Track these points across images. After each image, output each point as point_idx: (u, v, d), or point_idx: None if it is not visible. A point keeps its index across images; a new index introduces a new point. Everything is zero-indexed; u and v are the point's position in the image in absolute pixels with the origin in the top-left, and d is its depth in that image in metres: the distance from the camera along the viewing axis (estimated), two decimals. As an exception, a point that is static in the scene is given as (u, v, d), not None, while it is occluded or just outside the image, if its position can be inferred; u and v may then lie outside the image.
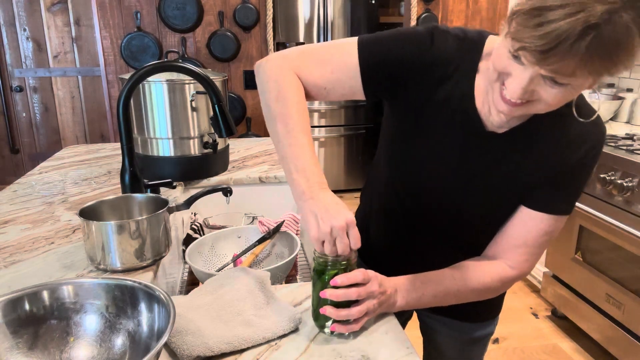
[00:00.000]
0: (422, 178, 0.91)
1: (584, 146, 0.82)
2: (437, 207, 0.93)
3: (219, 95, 1.19)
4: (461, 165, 0.87)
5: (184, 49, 3.48)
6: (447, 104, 0.85)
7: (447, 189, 0.90)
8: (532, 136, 0.83)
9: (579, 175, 0.84)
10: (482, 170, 0.87)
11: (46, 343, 0.71)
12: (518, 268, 0.87)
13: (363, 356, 0.76)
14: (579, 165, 0.83)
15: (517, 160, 0.85)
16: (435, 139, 0.88)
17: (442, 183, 0.90)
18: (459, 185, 0.89)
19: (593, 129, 0.83)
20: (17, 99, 4.19)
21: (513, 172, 0.85)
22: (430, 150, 0.89)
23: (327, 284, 0.79)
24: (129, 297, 0.74)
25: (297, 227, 1.36)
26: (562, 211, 0.85)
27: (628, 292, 2.02)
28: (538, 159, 0.84)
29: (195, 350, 0.74)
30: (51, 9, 4.04)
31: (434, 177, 0.90)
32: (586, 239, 2.26)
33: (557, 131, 0.83)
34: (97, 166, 1.77)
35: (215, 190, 1.19)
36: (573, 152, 0.82)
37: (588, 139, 0.82)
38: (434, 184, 0.91)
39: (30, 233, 1.17)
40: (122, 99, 1.13)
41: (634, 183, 1.96)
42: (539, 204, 0.85)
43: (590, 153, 0.83)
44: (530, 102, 0.72)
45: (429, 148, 0.89)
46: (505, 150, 0.85)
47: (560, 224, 0.87)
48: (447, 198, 0.91)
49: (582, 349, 2.31)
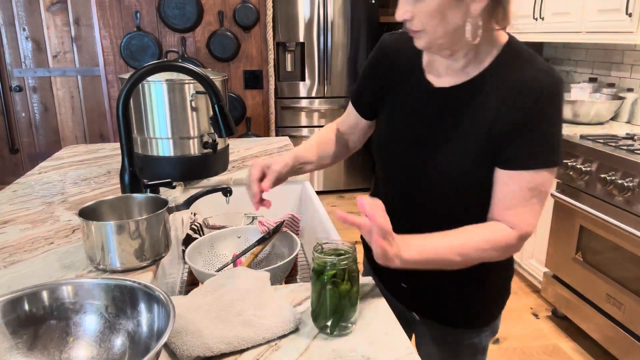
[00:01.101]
0: (395, 154, 0.99)
1: (534, 95, 0.84)
2: (412, 178, 0.97)
3: (218, 95, 1.18)
4: (422, 127, 0.95)
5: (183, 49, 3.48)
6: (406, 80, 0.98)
7: (417, 156, 0.96)
8: (479, 91, 0.89)
9: (538, 125, 0.85)
10: (442, 128, 0.92)
11: (46, 343, 0.71)
12: (517, 227, 0.88)
13: (363, 356, 0.76)
14: (534, 115, 0.84)
15: (470, 114, 0.89)
16: (400, 112, 0.99)
17: (410, 151, 0.96)
18: (426, 149, 0.94)
19: (543, 78, 0.84)
20: (16, 99, 4.19)
21: (468, 127, 0.89)
22: (397, 124, 0.99)
23: (327, 284, 0.79)
24: (129, 297, 0.73)
25: (297, 227, 1.36)
26: (537, 165, 0.86)
27: (628, 292, 2.02)
28: (489, 112, 0.87)
29: (195, 351, 0.74)
30: (51, 9, 4.04)
31: (404, 147, 0.97)
32: (586, 239, 2.26)
33: (503, 84, 0.86)
34: (96, 166, 1.77)
35: (215, 190, 1.19)
36: (524, 103, 0.84)
37: (538, 88, 0.84)
38: (405, 154, 0.97)
39: (29, 233, 1.17)
40: (121, 98, 1.13)
41: (635, 183, 1.96)
42: (510, 162, 0.87)
43: (543, 101, 0.84)
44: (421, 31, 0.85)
45: (396, 122, 0.99)
46: (457, 106, 0.91)
47: (541, 178, 0.86)
48: (418, 166, 0.96)
49: (583, 349, 2.31)
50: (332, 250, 0.83)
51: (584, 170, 2.22)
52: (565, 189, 2.37)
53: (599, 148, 2.16)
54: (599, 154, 2.14)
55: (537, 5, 3.12)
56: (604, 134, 2.39)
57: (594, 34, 2.67)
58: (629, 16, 2.40)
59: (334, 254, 0.82)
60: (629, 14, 2.39)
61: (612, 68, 3.00)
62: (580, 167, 2.24)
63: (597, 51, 3.12)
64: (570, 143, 2.34)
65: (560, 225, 2.44)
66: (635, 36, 2.39)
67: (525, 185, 0.86)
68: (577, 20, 2.78)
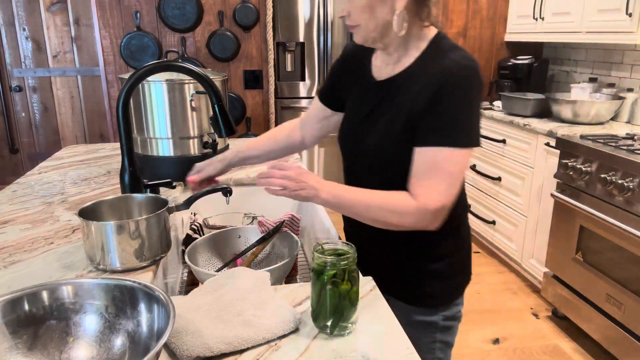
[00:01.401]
0: (345, 141, 1.16)
1: (443, 79, 0.94)
2: (353, 158, 1.14)
3: (218, 95, 1.18)
4: (363, 115, 1.10)
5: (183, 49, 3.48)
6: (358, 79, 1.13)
7: (356, 139, 1.11)
8: (407, 80, 1.01)
9: (443, 106, 0.94)
10: (377, 114, 1.06)
11: (46, 343, 0.71)
12: (417, 199, 0.96)
13: (363, 356, 0.76)
14: (440, 96, 0.94)
15: (397, 101, 1.02)
16: (351, 106, 1.15)
17: (353, 136, 1.12)
18: (363, 133, 1.09)
19: (453, 65, 0.95)
20: (16, 99, 4.19)
21: (394, 111, 1.02)
22: (349, 116, 1.16)
23: (327, 284, 0.79)
24: (129, 297, 0.73)
25: (297, 227, 1.36)
26: (437, 142, 0.95)
27: (628, 292, 2.02)
28: (410, 97, 0.99)
29: (195, 351, 0.74)
30: (50, 9, 4.03)
31: (350, 134, 1.14)
32: (586, 239, 2.26)
33: (424, 72, 0.98)
34: (96, 166, 1.77)
35: (215, 190, 1.19)
36: (433, 86, 0.95)
37: (446, 73, 0.94)
38: (349, 138, 1.14)
39: (29, 233, 1.17)
40: (121, 98, 1.13)
41: (635, 183, 1.96)
42: (418, 139, 0.98)
43: (448, 85, 0.94)
44: (357, 26, 0.99)
45: (349, 115, 1.16)
46: (389, 95, 1.04)
47: (443, 155, 0.95)
48: (356, 147, 1.11)
49: (583, 349, 2.31)
50: (332, 250, 0.83)
51: (584, 170, 2.22)
52: (565, 189, 2.37)
53: (599, 148, 2.16)
54: (599, 154, 2.14)
55: (537, 5, 3.12)
56: (604, 134, 2.39)
57: (594, 34, 2.67)
58: (629, 16, 2.40)
59: (334, 254, 0.82)
60: (629, 14, 2.39)
61: (612, 68, 3.00)
62: (580, 167, 2.24)
63: (597, 51, 3.12)
64: (570, 143, 2.34)
65: (560, 225, 2.44)
66: (635, 36, 2.39)
67: (427, 160, 0.96)
68: (577, 20, 2.78)
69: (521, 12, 3.37)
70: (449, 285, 1.15)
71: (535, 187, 2.73)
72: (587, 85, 2.89)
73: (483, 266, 3.18)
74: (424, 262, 1.11)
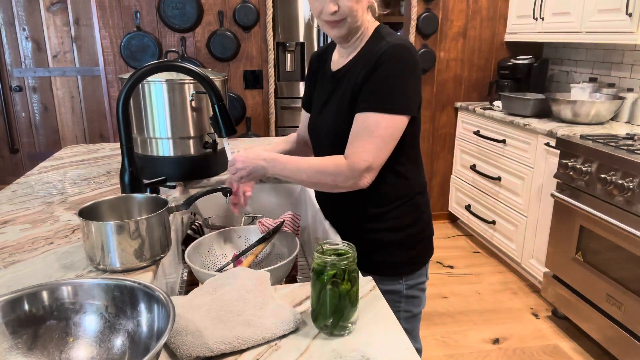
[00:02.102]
0: (310, 126, 1.33)
1: (377, 56, 1.10)
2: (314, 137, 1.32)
3: (218, 95, 1.18)
4: (322, 102, 1.26)
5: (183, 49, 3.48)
6: (322, 76, 1.30)
7: (316, 122, 1.29)
8: (354, 67, 1.17)
9: (375, 78, 1.10)
10: (331, 99, 1.22)
11: (45, 343, 0.71)
12: (349, 158, 1.10)
13: (363, 356, 0.75)
14: (373, 70, 1.10)
15: (346, 85, 1.18)
16: (316, 97, 1.32)
17: (315, 119, 1.30)
18: (320, 117, 1.26)
19: (387, 46, 1.10)
20: (16, 99, 4.19)
21: (342, 94, 1.18)
22: (314, 106, 1.32)
23: (327, 284, 0.79)
24: (129, 297, 0.73)
25: (297, 227, 1.36)
26: (368, 108, 1.10)
27: (628, 292, 2.02)
28: (355, 79, 1.14)
29: (195, 351, 0.74)
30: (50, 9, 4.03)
31: (313, 119, 1.32)
32: (586, 239, 2.26)
33: (367, 57, 1.14)
34: (96, 166, 1.77)
35: (215, 190, 1.19)
36: (369, 63, 1.11)
37: (380, 51, 1.10)
38: (312, 123, 1.32)
39: (29, 233, 1.17)
40: (121, 98, 1.13)
41: (635, 183, 1.96)
42: (356, 108, 1.13)
43: (382, 60, 1.09)
44: (343, 20, 1.12)
45: (314, 105, 1.32)
46: (341, 81, 1.20)
47: (373, 120, 1.09)
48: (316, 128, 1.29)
49: (583, 349, 2.31)
50: (332, 250, 0.83)
51: (584, 170, 2.22)
52: (565, 189, 2.37)
53: (599, 148, 2.15)
54: (599, 154, 2.14)
55: (537, 5, 3.12)
56: (604, 134, 2.39)
57: (594, 34, 2.67)
58: (629, 16, 2.40)
59: (334, 254, 0.82)
60: (629, 14, 2.39)
61: (612, 68, 3.00)
62: (580, 167, 2.24)
63: (597, 51, 3.12)
64: (570, 143, 2.34)
65: (560, 225, 2.44)
66: (635, 36, 2.39)
67: (360, 125, 1.10)
68: (577, 20, 2.78)
69: (521, 12, 3.37)
70: (410, 255, 1.25)
71: (535, 187, 2.73)
72: (587, 85, 2.89)
73: (483, 266, 3.18)
74: (383, 232, 1.22)
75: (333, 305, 0.80)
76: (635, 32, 2.39)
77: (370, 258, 1.21)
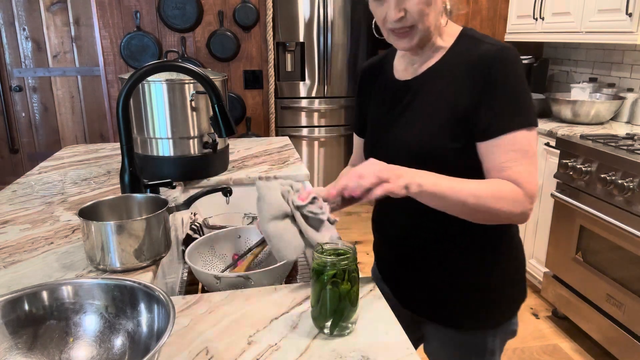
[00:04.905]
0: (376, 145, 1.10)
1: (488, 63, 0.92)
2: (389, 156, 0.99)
3: (218, 95, 1.18)
4: (391, 114, 1.05)
5: (183, 49, 3.48)
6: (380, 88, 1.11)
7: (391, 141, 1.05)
8: (438, 76, 0.98)
9: (498, 91, 0.91)
10: (409, 112, 1.02)
11: (45, 343, 0.71)
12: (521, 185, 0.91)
13: (363, 357, 0.75)
14: (491, 82, 0.91)
15: (432, 97, 0.98)
16: (376, 111, 1.12)
17: (387, 138, 1.06)
18: (398, 133, 1.03)
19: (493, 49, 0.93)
20: (16, 99, 4.19)
21: (431, 108, 0.98)
22: (375, 121, 1.11)
23: (327, 284, 0.79)
24: (129, 297, 0.73)
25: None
26: (511, 127, 0.91)
27: (628, 292, 2.02)
28: (450, 91, 0.96)
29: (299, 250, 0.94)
30: (50, 9, 4.03)
31: (381, 137, 1.08)
32: (587, 239, 2.26)
33: (460, 64, 0.96)
34: (96, 166, 1.77)
35: (215, 190, 1.19)
36: (480, 73, 0.92)
37: (490, 57, 0.92)
38: (382, 140, 1.08)
39: (29, 233, 1.17)
40: (121, 98, 1.13)
41: (635, 183, 1.96)
42: (487, 132, 0.92)
43: (496, 67, 0.91)
44: (412, 27, 0.93)
45: (374, 121, 1.12)
46: (420, 92, 1.01)
47: (522, 138, 0.91)
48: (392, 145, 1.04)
49: (583, 350, 2.31)
50: (332, 250, 0.83)
51: (584, 170, 2.22)
52: (565, 189, 2.37)
53: (599, 148, 2.15)
54: (599, 154, 2.14)
55: (537, 5, 3.12)
56: (604, 134, 2.39)
57: (594, 34, 2.67)
58: (629, 16, 2.40)
59: (334, 254, 0.82)
60: (629, 14, 2.39)
61: (612, 68, 3.00)
62: (580, 167, 2.24)
63: (597, 51, 3.12)
64: (570, 143, 2.34)
65: (560, 225, 2.44)
66: (635, 36, 2.39)
67: (510, 149, 0.91)
68: (577, 20, 2.78)
69: (521, 12, 3.37)
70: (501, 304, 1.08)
71: (535, 187, 2.73)
72: (587, 85, 2.89)
73: (483, 266, 3.18)
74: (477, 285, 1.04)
75: (333, 305, 0.80)
76: (635, 32, 2.39)
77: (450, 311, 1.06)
